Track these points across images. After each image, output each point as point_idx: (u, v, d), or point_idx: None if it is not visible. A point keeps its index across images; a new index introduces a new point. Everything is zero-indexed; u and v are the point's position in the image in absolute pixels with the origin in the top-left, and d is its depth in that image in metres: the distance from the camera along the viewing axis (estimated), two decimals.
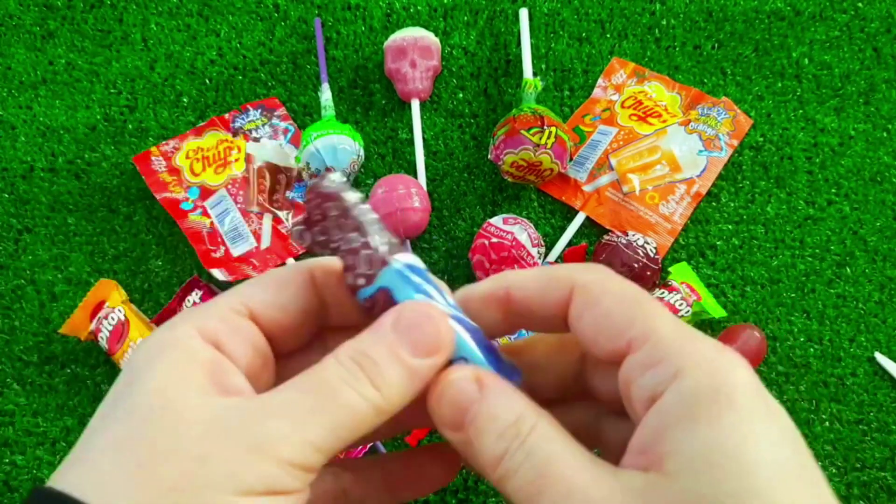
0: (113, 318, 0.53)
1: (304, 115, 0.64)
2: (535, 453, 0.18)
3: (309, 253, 0.59)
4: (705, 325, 0.56)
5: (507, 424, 0.19)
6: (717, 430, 0.16)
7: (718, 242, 0.59)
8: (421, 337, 0.19)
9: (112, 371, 0.55)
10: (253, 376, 0.20)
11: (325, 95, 0.62)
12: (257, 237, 0.58)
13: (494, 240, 0.53)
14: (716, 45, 0.66)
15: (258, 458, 0.17)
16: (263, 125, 0.63)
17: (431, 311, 0.20)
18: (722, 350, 0.18)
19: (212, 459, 0.17)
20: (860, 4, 0.67)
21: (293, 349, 0.23)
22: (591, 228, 0.59)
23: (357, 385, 0.18)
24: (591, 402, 0.23)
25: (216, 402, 0.18)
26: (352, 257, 0.21)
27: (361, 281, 0.21)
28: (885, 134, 0.62)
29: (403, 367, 0.19)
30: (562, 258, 0.58)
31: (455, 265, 0.58)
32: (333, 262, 0.22)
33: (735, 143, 0.60)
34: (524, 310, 0.21)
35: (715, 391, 0.17)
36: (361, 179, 0.62)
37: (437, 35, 0.65)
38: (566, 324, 0.21)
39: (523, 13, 0.64)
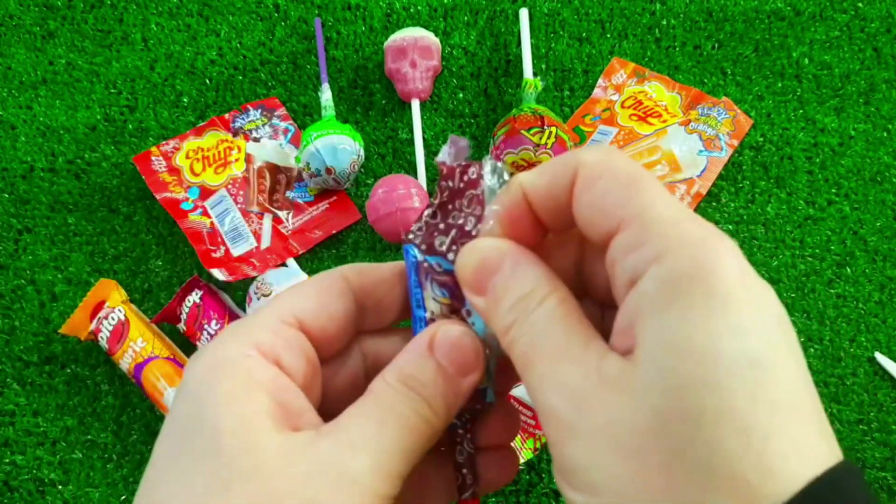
0: (113, 318, 0.53)
1: (305, 115, 0.64)
2: (534, 328, 0.18)
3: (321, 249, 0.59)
4: None
5: (520, 296, 0.19)
6: (688, 319, 0.15)
7: None
8: (461, 358, 0.20)
9: (112, 371, 0.55)
10: (307, 389, 0.20)
11: (326, 95, 0.62)
12: (257, 237, 0.58)
13: None
14: (716, 45, 0.66)
15: (356, 495, 0.17)
16: (263, 125, 0.63)
17: (463, 332, 0.20)
18: (711, 233, 0.16)
19: (317, 501, 0.17)
20: (860, 4, 0.67)
21: (334, 355, 0.23)
22: None
23: (418, 408, 0.19)
24: (594, 299, 0.22)
25: (293, 441, 0.18)
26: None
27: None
28: (885, 134, 0.62)
29: (451, 387, 0.20)
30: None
31: None
32: (365, 267, 0.23)
33: (735, 143, 0.60)
34: (543, 209, 0.20)
35: (692, 277, 0.15)
36: (361, 179, 0.62)
37: (437, 35, 0.65)
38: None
39: (523, 13, 0.64)
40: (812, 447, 0.15)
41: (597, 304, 0.22)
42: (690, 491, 0.15)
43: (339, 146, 0.56)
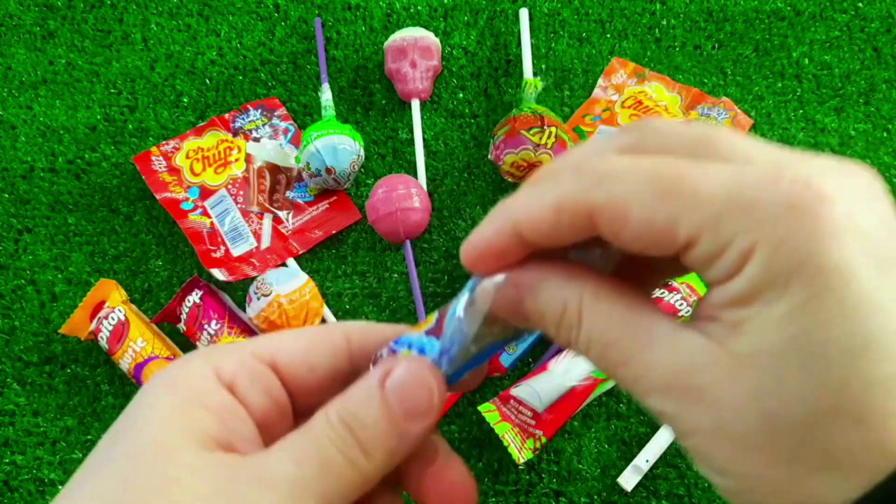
0: (113, 318, 0.53)
1: (305, 115, 0.64)
2: (595, 339, 0.17)
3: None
4: None
5: (557, 317, 0.18)
6: (802, 310, 0.14)
7: None
8: (411, 400, 0.19)
9: (112, 371, 0.55)
10: (267, 427, 0.20)
11: (326, 95, 0.62)
12: (257, 237, 0.58)
13: None
14: (716, 45, 0.66)
15: None
16: (263, 125, 0.63)
17: (419, 371, 0.19)
18: (792, 183, 0.14)
19: None
20: (860, 4, 0.67)
21: (314, 406, 0.21)
22: None
23: (348, 451, 0.18)
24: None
25: (213, 461, 0.17)
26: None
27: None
28: (885, 134, 0.62)
29: (395, 433, 0.19)
30: None
31: (455, 265, 0.58)
32: (371, 327, 0.22)
33: None
34: (541, 246, 0.18)
35: (796, 262, 0.14)
36: (361, 179, 0.62)
37: (437, 35, 0.65)
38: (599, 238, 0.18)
39: (523, 13, 0.64)
40: None
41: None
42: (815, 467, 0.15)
43: (339, 146, 0.56)
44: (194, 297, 0.54)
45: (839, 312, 0.14)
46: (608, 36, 0.67)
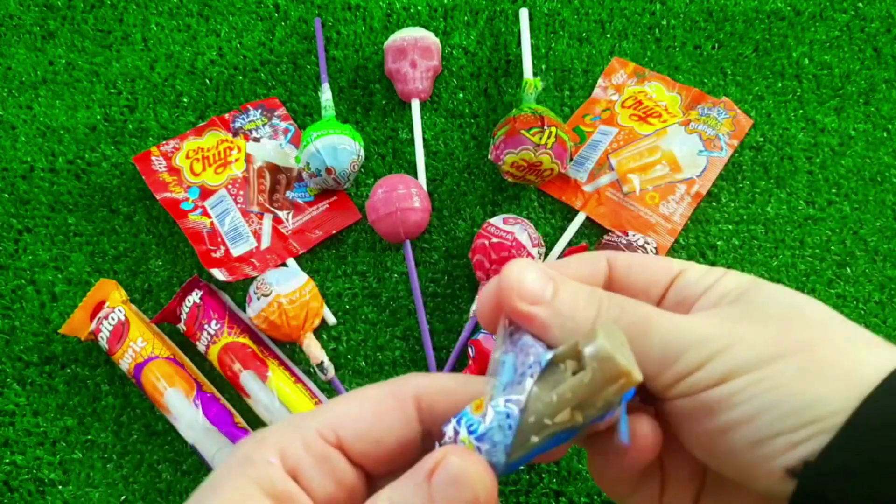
0: (113, 318, 0.53)
1: (305, 115, 0.64)
2: (629, 306, 0.21)
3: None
4: None
5: (588, 292, 0.22)
6: (776, 287, 0.21)
7: (719, 242, 0.59)
8: (459, 496, 0.18)
9: (112, 371, 0.55)
10: None
11: (326, 95, 0.62)
12: (257, 237, 0.58)
13: (495, 240, 0.53)
14: (716, 45, 0.66)
15: None
16: (263, 125, 0.63)
17: (469, 465, 0.18)
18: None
19: None
20: (860, 4, 0.67)
21: (389, 473, 0.21)
22: (592, 228, 0.59)
23: None
24: None
25: None
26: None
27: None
28: (885, 134, 0.62)
29: None
30: (562, 258, 0.58)
31: (455, 265, 0.58)
32: (444, 388, 0.21)
33: (735, 143, 0.60)
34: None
35: (758, 279, 0.22)
36: (361, 179, 0.62)
37: (437, 35, 0.65)
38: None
39: (523, 13, 0.64)
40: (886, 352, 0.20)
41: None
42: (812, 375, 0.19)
43: (339, 146, 0.56)
44: (194, 297, 0.54)
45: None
46: (608, 36, 0.67)
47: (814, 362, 0.19)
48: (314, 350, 0.53)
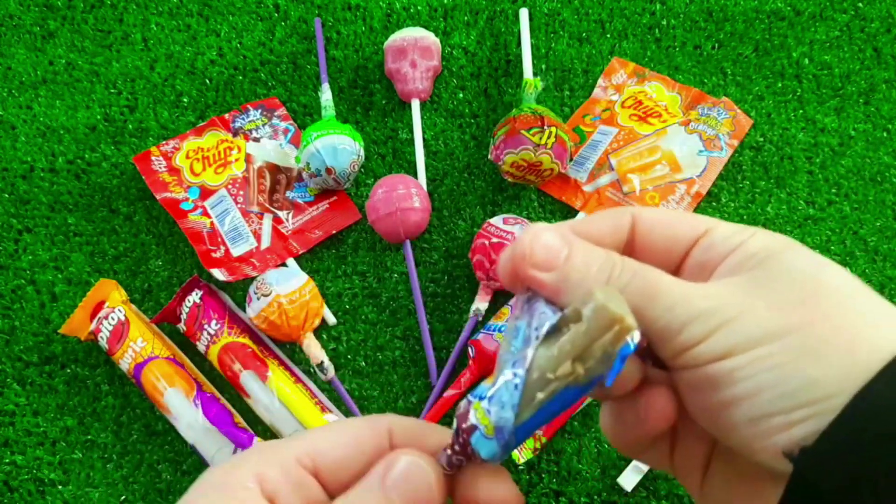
0: (113, 318, 0.53)
1: (305, 115, 0.64)
2: (640, 272, 0.21)
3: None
4: None
5: (602, 258, 0.21)
6: (804, 253, 0.20)
7: None
8: (412, 493, 0.19)
9: (112, 371, 0.55)
10: None
11: (326, 95, 0.62)
12: (257, 237, 0.58)
13: (494, 240, 0.53)
14: (716, 45, 0.66)
15: None
16: (263, 125, 0.63)
17: (416, 464, 0.20)
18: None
19: None
20: (860, 4, 0.67)
21: None
22: None
23: None
24: None
25: None
26: None
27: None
28: (885, 134, 0.62)
29: None
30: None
31: (455, 265, 0.58)
32: (416, 425, 0.22)
33: (735, 143, 0.60)
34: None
35: (789, 239, 0.21)
36: (361, 179, 0.62)
37: (437, 35, 0.65)
38: (625, 250, 0.23)
39: (523, 13, 0.64)
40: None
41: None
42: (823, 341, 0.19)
43: (339, 146, 0.56)
44: (194, 297, 0.54)
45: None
46: (608, 36, 0.67)
47: (818, 341, 0.18)
48: (314, 350, 0.53)
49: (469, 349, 0.52)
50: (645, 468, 0.49)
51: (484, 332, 0.52)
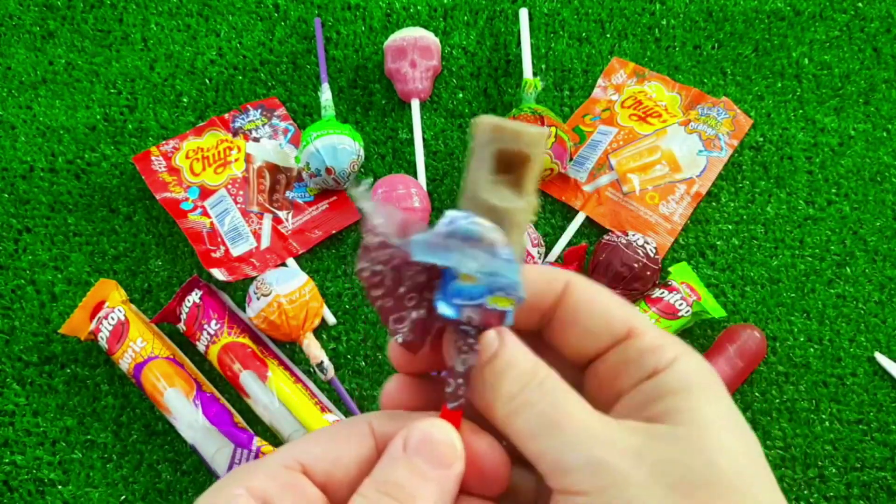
0: (113, 318, 0.53)
1: (304, 115, 0.64)
2: (553, 392, 0.20)
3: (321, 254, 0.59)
4: (705, 324, 0.56)
5: (525, 370, 0.20)
6: (716, 406, 0.19)
7: (718, 242, 0.59)
8: (435, 453, 0.20)
9: (112, 371, 0.55)
10: None
11: (325, 95, 0.62)
12: (257, 237, 0.58)
13: None
14: (716, 45, 0.66)
15: None
16: (263, 125, 0.63)
17: (434, 426, 0.20)
18: (690, 347, 0.22)
19: None
20: (860, 4, 0.67)
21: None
22: (591, 228, 0.59)
23: None
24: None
25: None
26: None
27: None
28: (885, 134, 0.62)
29: (428, 482, 0.19)
30: (562, 258, 0.58)
31: None
32: (397, 412, 0.22)
33: (735, 143, 0.60)
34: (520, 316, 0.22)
35: (706, 378, 0.20)
36: (361, 179, 0.62)
37: (437, 35, 0.65)
38: (544, 320, 0.23)
39: (523, 13, 0.64)
40: None
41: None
42: None
43: (338, 146, 0.56)
44: (194, 297, 0.54)
45: (741, 416, 0.20)
46: (608, 36, 0.67)
47: None
48: (314, 350, 0.53)
49: None
50: None
51: None
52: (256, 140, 0.62)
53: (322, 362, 0.53)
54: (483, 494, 0.21)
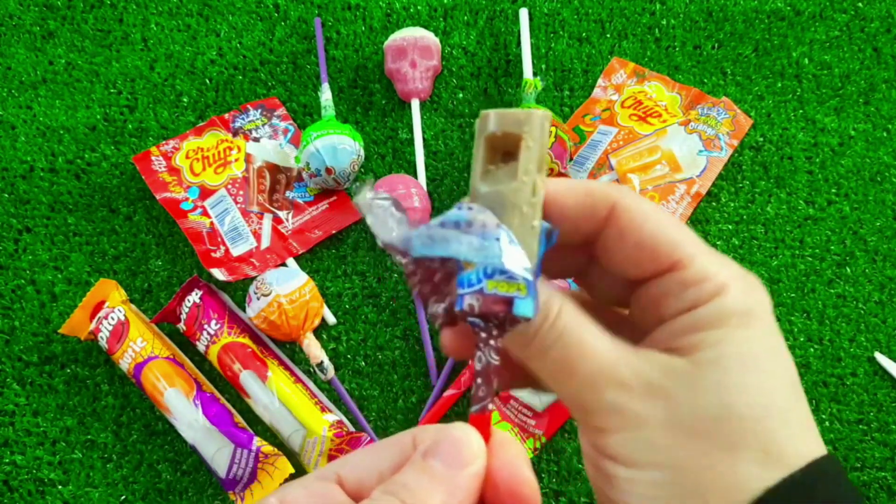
0: (113, 318, 0.53)
1: (304, 115, 0.64)
2: (565, 334, 0.20)
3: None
4: None
5: (546, 298, 0.20)
6: (748, 339, 0.19)
7: (718, 242, 0.59)
8: (450, 453, 0.19)
9: (112, 371, 0.55)
10: None
11: (325, 95, 0.62)
12: (257, 237, 0.58)
13: None
14: (716, 45, 0.66)
15: None
16: (263, 125, 0.63)
17: (455, 430, 0.20)
18: (748, 274, 0.21)
19: None
20: (860, 4, 0.67)
21: None
22: None
23: None
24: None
25: None
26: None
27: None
28: (885, 134, 0.62)
29: (439, 483, 0.19)
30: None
31: None
32: (440, 427, 0.22)
33: (735, 143, 0.60)
34: (556, 221, 0.21)
35: (750, 309, 0.20)
36: (361, 179, 0.62)
37: (437, 35, 0.65)
38: (591, 238, 0.22)
39: (523, 13, 0.64)
40: (813, 441, 0.19)
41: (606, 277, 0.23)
42: (737, 461, 0.18)
43: (339, 146, 0.56)
44: (194, 297, 0.54)
45: (781, 346, 0.20)
46: (608, 36, 0.67)
47: (699, 487, 0.19)
48: (314, 350, 0.53)
49: None
50: None
51: None
52: (256, 140, 0.62)
53: (322, 362, 0.53)
54: None
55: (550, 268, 0.23)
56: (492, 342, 0.19)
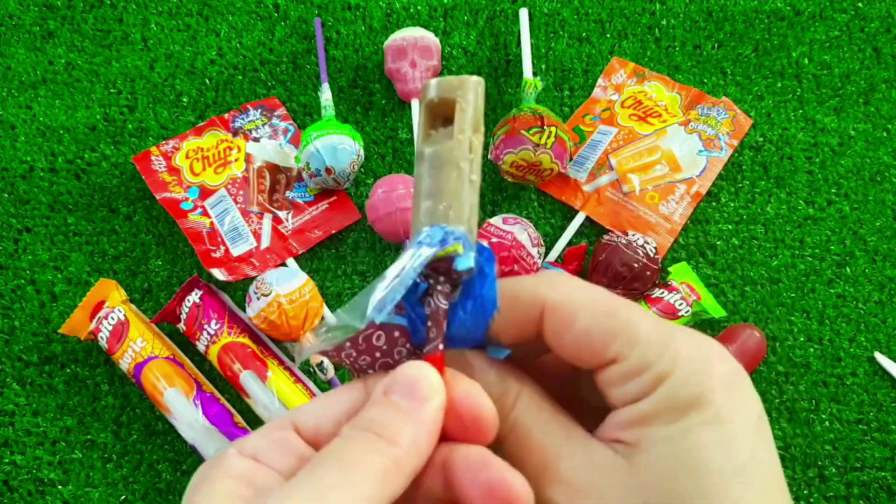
0: (113, 318, 0.53)
1: (304, 115, 0.64)
2: (516, 426, 0.21)
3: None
4: (705, 324, 0.56)
5: (494, 399, 0.20)
6: (687, 434, 0.18)
7: (718, 242, 0.59)
8: (411, 389, 0.20)
9: (112, 371, 0.55)
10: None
11: (325, 95, 0.62)
12: (257, 237, 0.58)
13: (494, 240, 0.53)
14: (716, 45, 0.66)
15: None
16: (263, 125, 0.63)
17: (416, 367, 0.20)
18: (699, 345, 0.20)
19: None
20: (860, 4, 0.67)
21: None
22: (591, 228, 0.59)
23: (375, 446, 0.19)
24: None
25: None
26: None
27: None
28: (885, 134, 0.62)
29: (406, 415, 0.19)
30: (562, 258, 0.58)
31: None
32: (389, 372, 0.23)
33: (735, 143, 0.60)
34: (498, 332, 0.22)
35: (693, 397, 0.19)
36: (361, 179, 0.62)
37: (437, 35, 0.65)
38: (540, 339, 0.21)
39: (523, 13, 0.65)
40: None
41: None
42: None
43: (338, 146, 0.56)
44: (194, 297, 0.54)
45: (739, 431, 0.18)
46: (608, 36, 0.67)
47: None
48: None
49: None
50: None
51: None
52: (256, 140, 0.62)
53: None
54: (473, 442, 0.21)
55: (518, 353, 0.23)
56: (439, 287, 0.21)
